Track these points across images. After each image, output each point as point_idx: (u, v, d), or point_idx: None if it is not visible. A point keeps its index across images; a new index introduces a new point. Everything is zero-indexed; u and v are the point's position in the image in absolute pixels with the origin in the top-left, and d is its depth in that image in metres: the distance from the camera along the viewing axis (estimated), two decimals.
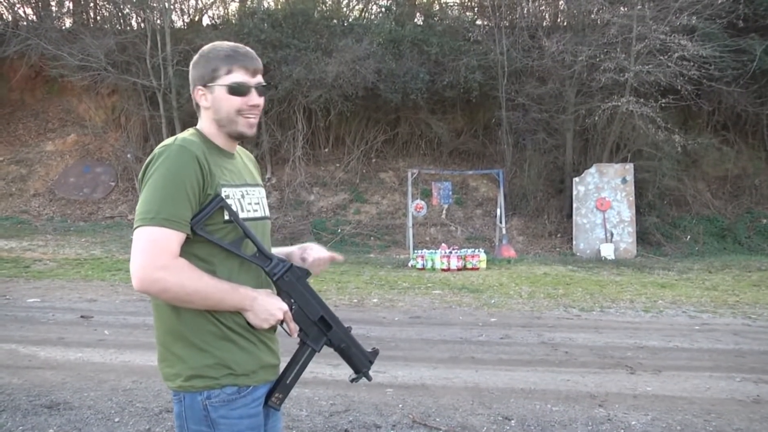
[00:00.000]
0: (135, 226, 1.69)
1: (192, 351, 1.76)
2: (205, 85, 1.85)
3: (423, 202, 12.98)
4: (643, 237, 13.66)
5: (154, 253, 1.66)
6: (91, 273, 9.59)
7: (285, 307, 1.82)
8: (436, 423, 4.16)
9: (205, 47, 1.90)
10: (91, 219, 14.75)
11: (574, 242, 13.35)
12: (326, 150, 15.54)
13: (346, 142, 15.39)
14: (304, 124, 14.91)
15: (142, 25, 15.82)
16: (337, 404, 4.47)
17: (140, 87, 15.28)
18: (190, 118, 15.03)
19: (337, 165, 15.18)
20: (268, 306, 1.79)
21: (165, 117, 15.10)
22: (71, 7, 17.52)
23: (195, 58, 1.90)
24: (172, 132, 15.11)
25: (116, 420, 4.09)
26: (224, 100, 1.83)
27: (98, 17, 17.45)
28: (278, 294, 1.84)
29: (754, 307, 8.25)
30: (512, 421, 4.24)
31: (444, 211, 14.09)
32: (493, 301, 8.37)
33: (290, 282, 1.84)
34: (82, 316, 7.04)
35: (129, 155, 16.00)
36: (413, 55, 14.21)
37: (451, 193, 13.41)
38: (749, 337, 6.71)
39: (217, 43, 1.91)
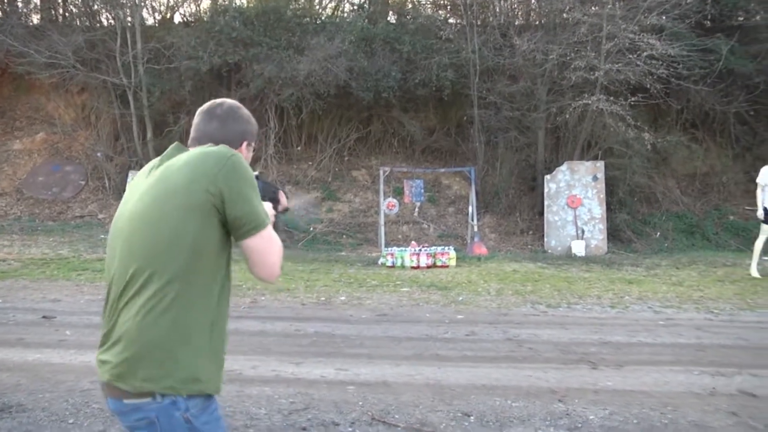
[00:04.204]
0: (259, 227, 1.87)
1: (193, 354, 1.83)
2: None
3: (395, 200, 13.00)
4: (613, 234, 13.79)
5: (280, 250, 1.95)
6: (56, 273, 9.46)
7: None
8: (395, 420, 4.16)
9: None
10: (60, 218, 14.53)
11: (545, 239, 13.45)
12: (299, 148, 15.48)
13: (319, 140, 15.35)
14: (276, 122, 14.84)
15: (112, 22, 15.62)
16: (297, 402, 4.45)
17: (110, 85, 15.08)
18: (161, 117, 14.94)
19: (310, 163, 15.14)
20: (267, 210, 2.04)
21: (136, 115, 14.93)
22: (38, 4, 17.26)
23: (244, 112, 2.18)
24: (143, 131, 14.98)
25: (70, 421, 4.03)
26: None
27: (67, 14, 17.20)
28: None
29: (717, 302, 8.37)
30: (471, 417, 4.24)
31: (416, 209, 14.11)
32: (461, 298, 8.39)
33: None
34: (44, 317, 6.94)
35: (99, 154, 15.80)
36: (385, 53, 14.20)
37: (423, 190, 13.44)
38: (710, 332, 6.80)
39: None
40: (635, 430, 4.08)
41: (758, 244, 10.15)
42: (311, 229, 13.49)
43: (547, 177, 13.73)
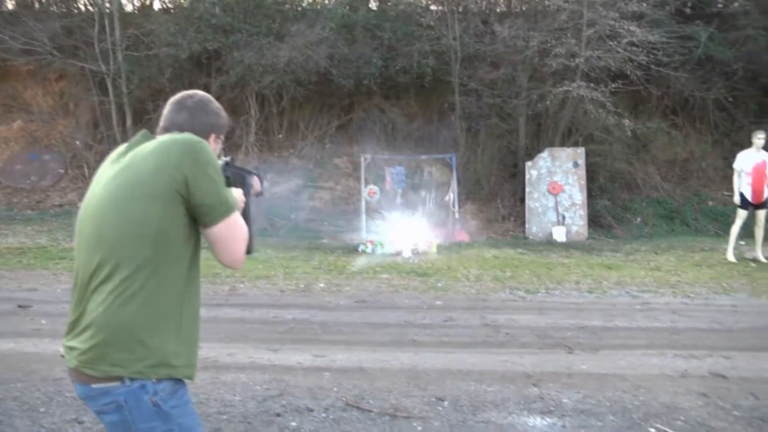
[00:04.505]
0: (223, 214, 1.90)
1: (163, 339, 1.85)
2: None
3: (376, 187, 12.98)
4: (594, 220, 13.87)
5: (245, 237, 1.99)
6: (33, 262, 9.37)
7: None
8: (369, 405, 4.17)
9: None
10: (39, 207, 14.40)
11: (526, 226, 13.51)
12: (280, 136, 15.39)
13: (300, 127, 15.27)
14: (257, 110, 14.75)
15: (90, 8, 15.42)
16: (272, 389, 4.45)
17: (89, 72, 14.89)
18: (140, 104, 14.77)
19: (291, 151, 15.06)
20: (236, 196, 2.12)
21: (115, 103, 14.79)
22: None
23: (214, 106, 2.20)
24: (122, 118, 14.83)
25: (42, 410, 4.01)
26: None
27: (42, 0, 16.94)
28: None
29: (693, 286, 8.45)
30: (445, 402, 4.27)
31: (398, 196, 14.10)
32: (440, 284, 8.41)
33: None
34: (19, 306, 6.87)
35: (78, 142, 15.64)
36: (366, 40, 14.14)
37: (404, 177, 13.44)
38: (685, 315, 6.87)
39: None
40: (607, 413, 4.12)
41: (734, 229, 10.25)
42: (293, 216, 13.45)
43: (528, 163, 13.77)
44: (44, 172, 15.41)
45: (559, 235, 13.05)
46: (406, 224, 11.15)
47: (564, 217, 13.37)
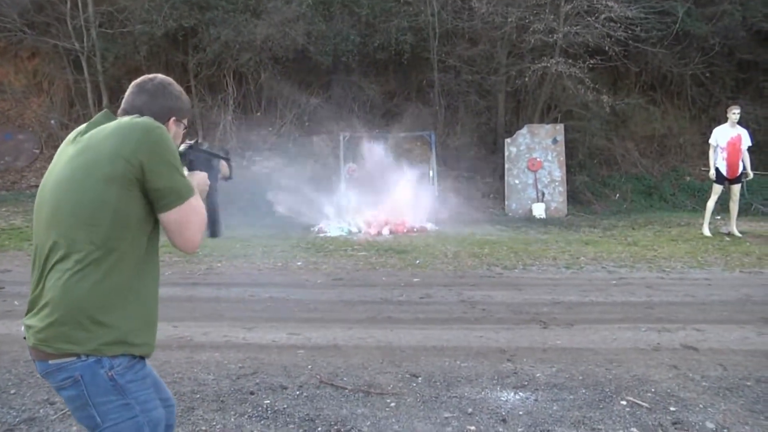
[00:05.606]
0: (177, 200, 1.91)
1: (119, 318, 1.87)
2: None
3: (356, 165, 12.91)
4: (573, 196, 13.95)
5: (200, 222, 1.99)
6: (7, 243, 9.25)
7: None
8: (343, 382, 4.17)
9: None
10: (14, 188, 14.20)
11: (506, 203, 13.55)
12: (258, 114, 15.25)
13: (278, 105, 15.13)
14: (234, 87, 14.60)
15: None
16: (246, 367, 4.44)
17: (62, 50, 14.65)
18: (116, 83, 14.54)
19: (270, 129, 14.93)
20: (200, 179, 2.22)
21: (90, 81, 14.57)
22: None
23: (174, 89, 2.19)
24: (98, 97, 14.62)
25: (12, 392, 3.97)
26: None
27: None
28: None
29: (669, 260, 8.53)
30: (419, 378, 4.28)
31: (376, 174, 14.01)
32: (417, 261, 8.41)
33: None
34: None
35: (53, 121, 15.40)
36: (344, 16, 14.01)
37: (383, 155, 13.34)
38: (661, 290, 6.93)
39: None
40: (580, 386, 4.15)
41: (710, 204, 10.34)
42: (271, 195, 13.31)
43: (508, 140, 13.78)
44: (18, 153, 15.19)
45: (539, 211, 13.10)
46: (384, 202, 11.10)
47: (543, 194, 13.42)
